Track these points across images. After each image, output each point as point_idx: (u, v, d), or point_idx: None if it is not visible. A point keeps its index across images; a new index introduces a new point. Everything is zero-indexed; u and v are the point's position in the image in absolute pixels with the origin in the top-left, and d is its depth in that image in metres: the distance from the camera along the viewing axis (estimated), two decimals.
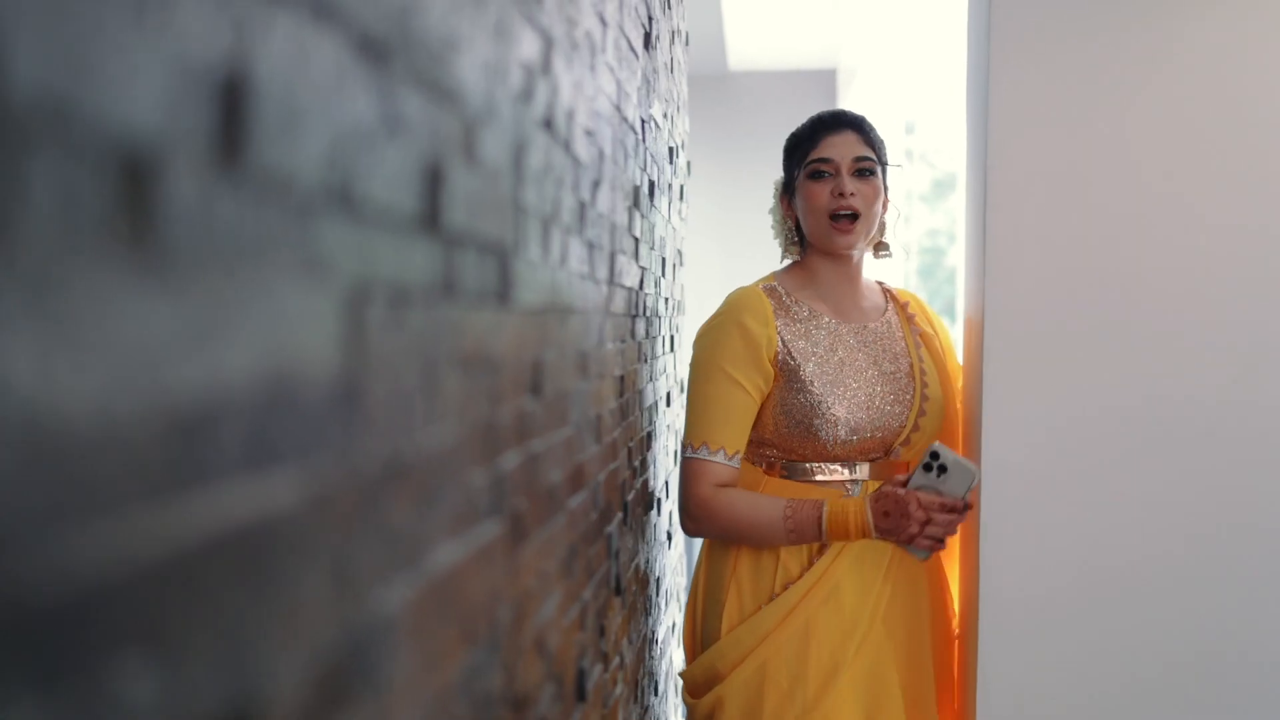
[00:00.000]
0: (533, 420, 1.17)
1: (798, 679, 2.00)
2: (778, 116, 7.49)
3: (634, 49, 1.96)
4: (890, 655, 2.06)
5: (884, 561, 2.07)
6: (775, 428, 2.08)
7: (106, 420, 0.44)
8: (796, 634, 2.02)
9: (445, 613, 0.87)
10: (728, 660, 2.05)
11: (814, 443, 2.06)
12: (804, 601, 2.02)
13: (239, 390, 0.54)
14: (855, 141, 2.14)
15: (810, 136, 2.16)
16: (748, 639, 2.04)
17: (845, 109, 2.27)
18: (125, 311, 0.46)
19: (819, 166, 2.12)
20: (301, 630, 0.61)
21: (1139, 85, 2.04)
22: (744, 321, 2.08)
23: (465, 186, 0.91)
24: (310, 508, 0.62)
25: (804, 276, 2.18)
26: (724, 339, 2.08)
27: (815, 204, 2.12)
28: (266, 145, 0.57)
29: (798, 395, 2.05)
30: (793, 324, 2.10)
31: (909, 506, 1.99)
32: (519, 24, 1.09)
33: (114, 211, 0.45)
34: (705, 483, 2.06)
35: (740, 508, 2.04)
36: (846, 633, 2.03)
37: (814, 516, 2.01)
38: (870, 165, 2.13)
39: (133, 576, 0.46)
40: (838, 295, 2.17)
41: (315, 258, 0.63)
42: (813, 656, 2.01)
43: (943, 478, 2.00)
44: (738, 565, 2.09)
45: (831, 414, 2.04)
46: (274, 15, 0.57)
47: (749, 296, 2.13)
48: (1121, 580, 2.06)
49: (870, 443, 2.08)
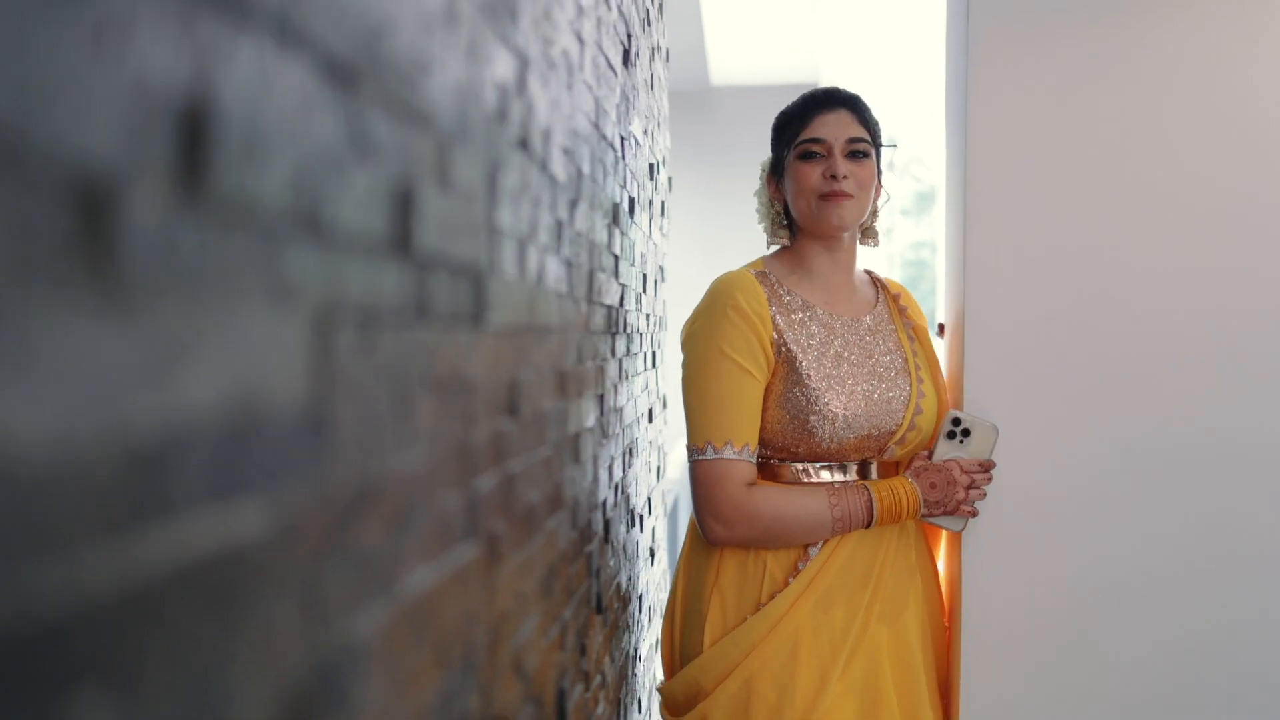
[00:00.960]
0: (509, 441, 1.17)
1: (786, 692, 1.89)
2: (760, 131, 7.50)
3: (613, 66, 1.96)
4: (885, 661, 1.96)
5: (874, 565, 1.97)
6: (772, 423, 1.95)
7: (64, 453, 0.44)
8: (785, 645, 1.91)
9: (419, 637, 0.86)
10: (711, 675, 1.94)
11: (809, 440, 1.94)
12: (791, 611, 1.92)
13: (203, 419, 0.54)
14: (849, 121, 2.02)
15: (801, 115, 2.04)
16: (732, 652, 1.92)
17: (839, 86, 2.13)
18: (83, 342, 0.45)
19: (810, 147, 2.00)
20: (270, 660, 0.61)
21: (1116, 98, 2.05)
22: (738, 302, 1.94)
23: (438, 208, 0.91)
24: (279, 536, 0.62)
25: (794, 261, 2.06)
26: (720, 322, 1.94)
27: (805, 185, 2.00)
28: (230, 171, 0.56)
29: (794, 389, 1.93)
30: (787, 314, 1.97)
31: (954, 473, 1.97)
32: (492, 45, 1.08)
33: (71, 241, 0.45)
34: (733, 483, 1.90)
35: (783, 505, 1.91)
36: (837, 641, 1.93)
37: (862, 503, 1.93)
38: (865, 147, 2.02)
39: (92, 610, 0.46)
40: (830, 284, 2.05)
41: (281, 283, 0.62)
42: (801, 668, 1.90)
43: (966, 441, 2.01)
44: (720, 574, 1.97)
45: (830, 410, 1.92)
46: (237, 41, 0.57)
47: (739, 279, 1.98)
48: (1105, 589, 2.06)
49: (865, 441, 1.97)
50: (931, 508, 1.99)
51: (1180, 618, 2.06)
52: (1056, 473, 2.06)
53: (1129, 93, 2.05)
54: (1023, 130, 2.07)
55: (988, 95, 2.07)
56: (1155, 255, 2.05)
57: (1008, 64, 2.07)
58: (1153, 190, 2.05)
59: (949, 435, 2.02)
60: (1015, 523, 2.06)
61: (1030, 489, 2.06)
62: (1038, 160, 2.06)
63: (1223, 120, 2.04)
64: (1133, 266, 2.05)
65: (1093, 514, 2.06)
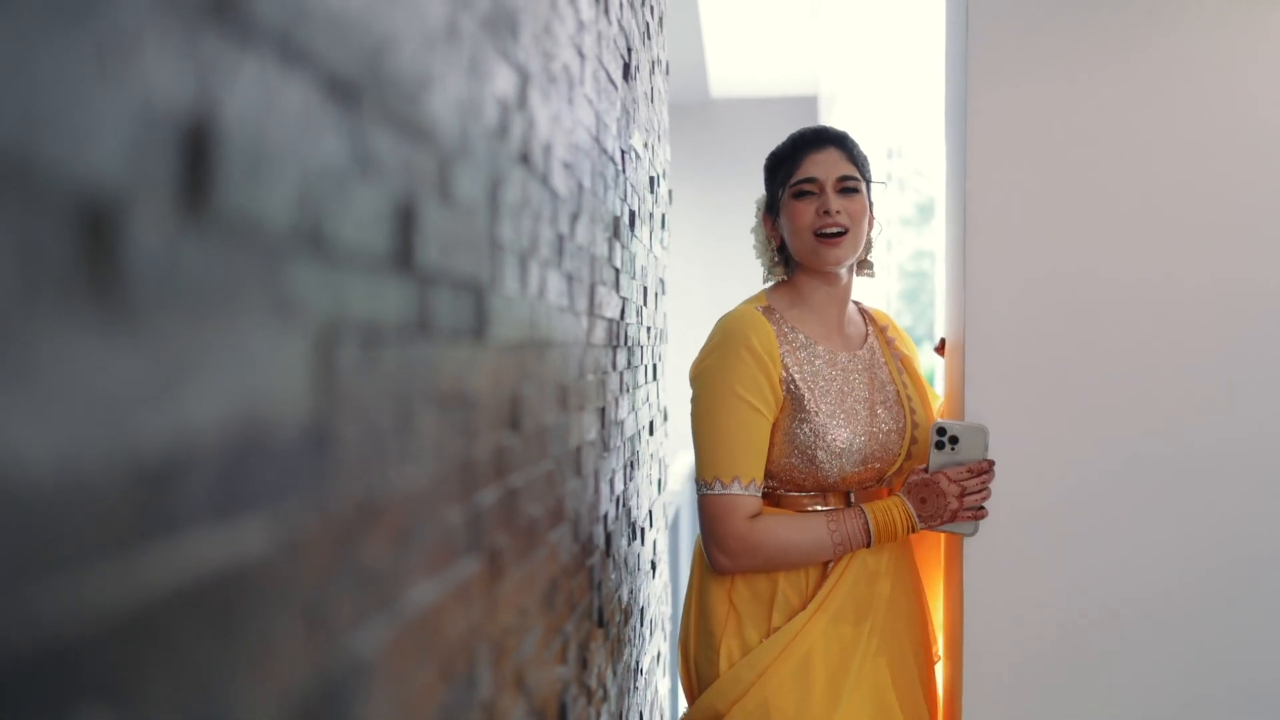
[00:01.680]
0: (511, 455, 1.17)
1: (803, 704, 1.97)
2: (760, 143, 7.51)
3: (613, 80, 1.96)
4: (888, 677, 2.04)
5: (880, 584, 2.05)
6: (780, 458, 2.02)
7: (69, 472, 0.44)
8: (798, 659, 1.98)
9: (422, 653, 0.86)
10: (728, 698, 2.00)
11: (815, 473, 2.01)
12: (805, 631, 1.99)
13: (207, 437, 0.54)
14: (839, 159, 2.09)
15: (792, 155, 2.11)
16: (747, 675, 1.99)
17: (827, 125, 2.20)
18: (88, 361, 0.45)
19: (803, 186, 2.08)
20: (273, 677, 0.61)
21: (1116, 110, 2.05)
22: (751, 343, 2.00)
23: (439, 224, 0.91)
24: (282, 553, 0.62)
25: (793, 296, 2.12)
26: (735, 363, 2.00)
27: (800, 223, 2.06)
28: (233, 190, 0.57)
29: (802, 424, 2.01)
30: (793, 351, 2.05)
31: (940, 484, 2.01)
32: (494, 60, 1.09)
33: (76, 263, 0.45)
34: (737, 518, 1.98)
35: (784, 535, 1.98)
36: (848, 649, 2.00)
37: (859, 526, 1.99)
38: (855, 184, 2.08)
39: (98, 629, 0.46)
40: (827, 319, 2.12)
41: (285, 301, 0.63)
42: (816, 678, 1.98)
43: (957, 448, 2.03)
44: (734, 599, 2.04)
45: (837, 445, 2.00)
46: (240, 60, 0.57)
47: (751, 318, 2.05)
48: (1109, 605, 2.06)
49: (868, 472, 2.05)
50: (927, 520, 2.02)
51: (1186, 633, 2.05)
52: (1058, 487, 2.06)
53: (1129, 105, 2.05)
54: (1022, 143, 2.07)
55: (987, 107, 2.07)
56: (1156, 268, 2.05)
57: (1006, 76, 2.07)
58: (1153, 203, 2.05)
59: (938, 446, 2.04)
60: (1017, 538, 2.06)
61: (1032, 504, 2.06)
62: (1037, 173, 2.07)
63: (1224, 132, 2.04)
64: (1134, 279, 2.05)
65: (1096, 529, 2.06)
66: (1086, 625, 2.06)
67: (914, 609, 2.13)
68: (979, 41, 2.07)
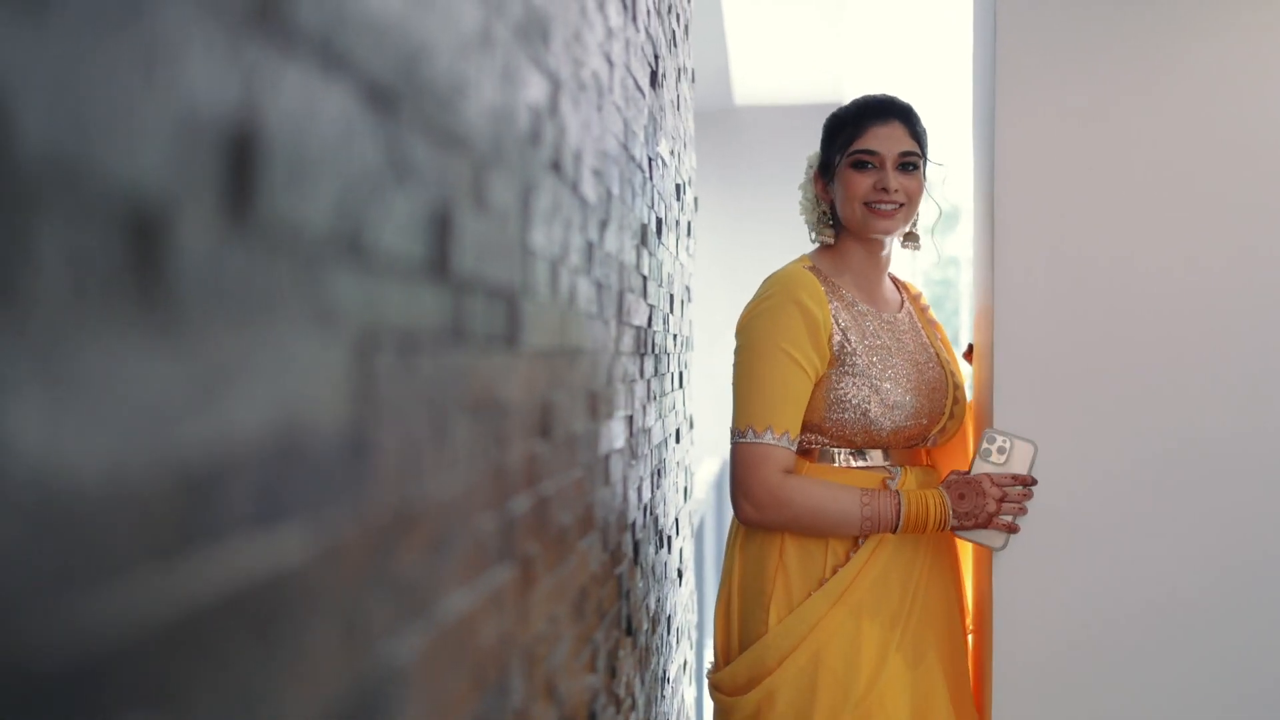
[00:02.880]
0: (542, 462, 1.16)
1: (851, 663, 1.96)
2: (783, 150, 7.52)
3: (640, 88, 1.96)
4: (930, 639, 2.04)
5: (921, 547, 2.05)
6: (825, 413, 2.01)
7: (116, 481, 0.44)
8: (850, 617, 1.97)
9: (457, 661, 0.86)
10: (778, 651, 1.98)
11: (867, 427, 2.01)
12: (853, 585, 1.99)
13: (249, 445, 0.54)
14: (902, 135, 2.06)
15: (856, 122, 2.08)
16: (799, 627, 1.98)
17: (894, 96, 2.16)
18: (134, 370, 0.45)
19: (863, 157, 2.05)
20: (313, 685, 0.61)
21: (1146, 114, 2.04)
22: (801, 299, 2.00)
23: (474, 231, 0.91)
24: (320, 561, 0.62)
25: (837, 259, 2.12)
26: (782, 317, 1.99)
27: (855, 193, 2.05)
28: (276, 197, 0.57)
29: (853, 379, 2.01)
30: (844, 308, 2.05)
31: (983, 484, 1.99)
32: (526, 67, 1.09)
33: (122, 270, 0.45)
34: (771, 468, 1.96)
35: (816, 496, 1.97)
36: (895, 615, 2.00)
37: (891, 507, 1.97)
38: (915, 159, 2.07)
39: (144, 638, 0.46)
40: (869, 283, 2.12)
41: (325, 308, 0.63)
42: (865, 641, 1.97)
43: (1003, 457, 2.02)
44: (784, 555, 2.02)
45: (891, 399, 2.01)
46: (284, 67, 0.57)
47: (801, 276, 2.04)
48: (1140, 607, 2.04)
49: (915, 429, 2.05)
50: (962, 518, 2.00)
51: (1218, 635, 2.03)
52: (1087, 491, 2.05)
53: (1158, 109, 2.04)
54: (1051, 147, 2.06)
55: (1015, 112, 2.06)
56: (1187, 273, 2.03)
57: (1035, 81, 2.06)
58: (1184, 208, 2.03)
59: (984, 453, 2.01)
60: (1046, 542, 2.05)
61: (1060, 507, 2.05)
62: (1066, 178, 2.05)
63: (1256, 137, 2.02)
64: (1164, 284, 2.04)
65: (1126, 532, 2.04)
66: (1118, 626, 2.05)
67: (953, 575, 2.13)
68: (1007, 47, 2.06)
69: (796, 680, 1.96)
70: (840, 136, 2.10)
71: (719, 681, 2.08)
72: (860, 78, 6.76)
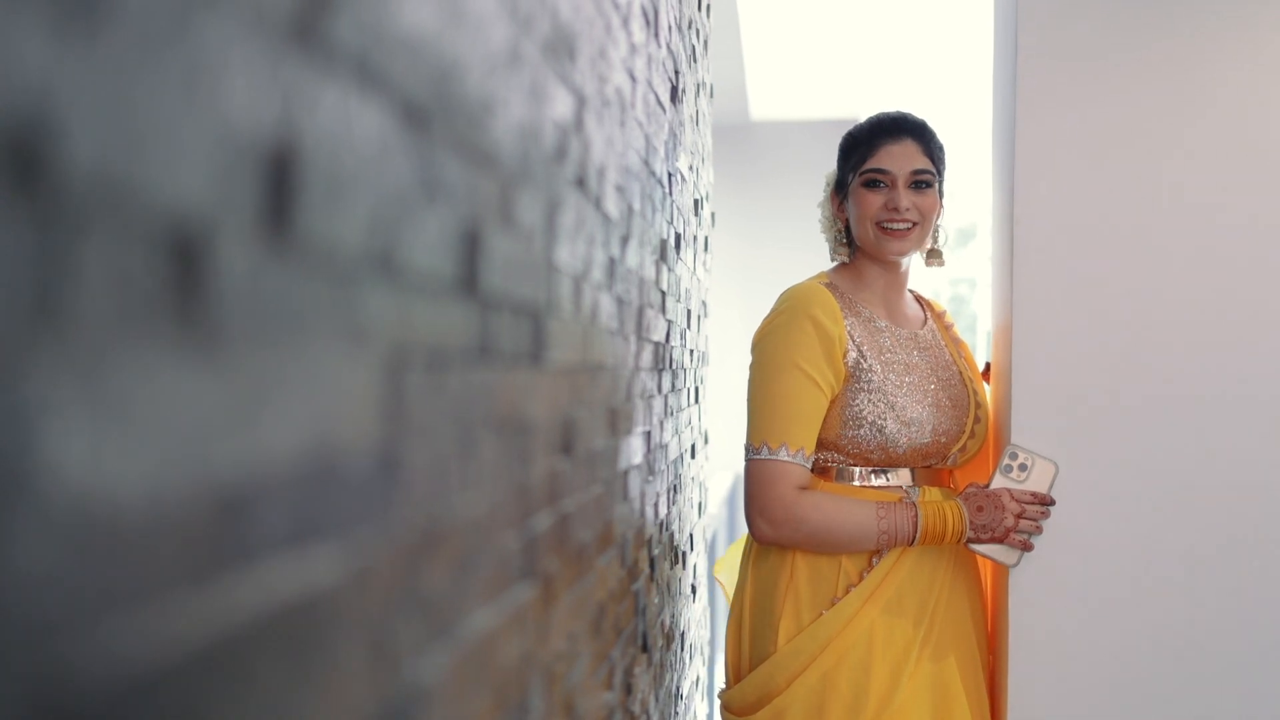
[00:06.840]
0: (564, 480, 1.16)
1: (861, 689, 1.93)
2: (799, 166, 7.52)
3: (661, 103, 1.96)
4: (953, 660, 2.00)
5: (942, 566, 2.02)
6: (840, 430, 2.00)
7: (154, 502, 0.44)
8: (860, 641, 1.95)
9: (479, 680, 0.85)
10: (787, 672, 1.96)
11: (884, 445, 1.99)
12: (865, 607, 1.96)
13: (283, 464, 0.54)
14: (915, 152, 2.05)
15: (868, 141, 2.07)
16: (809, 647, 1.96)
17: (908, 113, 2.14)
18: (173, 390, 0.45)
19: (874, 176, 2.04)
20: (341, 705, 0.60)
21: (1167, 134, 2.03)
22: (816, 316, 1.98)
23: (502, 248, 0.91)
24: (350, 581, 0.61)
25: (854, 279, 2.11)
26: (797, 334, 1.98)
27: (866, 212, 2.04)
28: (313, 215, 0.56)
29: (869, 396, 1.99)
30: (859, 324, 2.03)
31: (1002, 499, 1.98)
32: (553, 84, 1.09)
33: (164, 289, 0.45)
34: (786, 485, 1.94)
35: (831, 512, 1.95)
36: (909, 639, 1.97)
37: (909, 519, 1.95)
38: (929, 178, 2.05)
39: (180, 658, 0.45)
40: (889, 299, 2.10)
41: (358, 326, 0.62)
42: (876, 665, 1.94)
43: (1024, 475, 2.01)
44: (794, 574, 2.00)
45: (908, 415, 1.98)
46: (322, 86, 0.57)
47: (816, 292, 2.03)
48: (1158, 632, 2.03)
49: (933, 447, 2.02)
50: (979, 531, 1.98)
51: (1237, 659, 2.02)
52: (1104, 511, 2.04)
53: (1180, 127, 2.03)
54: (1070, 164, 2.05)
55: (1035, 129, 2.06)
56: (1208, 292, 2.02)
57: (1055, 98, 2.05)
58: (1203, 228, 2.03)
59: (1005, 469, 2.00)
60: (1063, 565, 2.03)
61: (1077, 527, 2.03)
62: (1086, 196, 2.05)
63: (1276, 156, 2.02)
64: (1185, 304, 2.03)
65: (1143, 554, 2.03)
66: (1136, 651, 2.03)
67: (975, 603, 2.09)
68: (1028, 63, 2.06)
69: (806, 700, 1.94)
70: (853, 155, 2.10)
71: (729, 700, 2.06)
72: (877, 93, 6.75)
